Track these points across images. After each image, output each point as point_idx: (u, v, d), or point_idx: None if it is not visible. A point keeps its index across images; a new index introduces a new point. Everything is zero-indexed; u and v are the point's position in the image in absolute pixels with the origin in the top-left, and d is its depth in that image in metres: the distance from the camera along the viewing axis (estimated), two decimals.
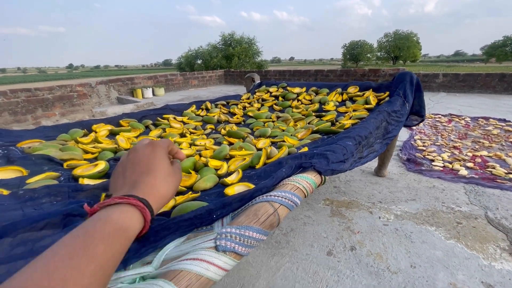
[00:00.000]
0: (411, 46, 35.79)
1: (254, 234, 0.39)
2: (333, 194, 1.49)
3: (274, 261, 1.02)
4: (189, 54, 17.61)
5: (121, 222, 0.26)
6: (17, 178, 0.59)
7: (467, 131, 2.51)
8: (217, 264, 0.34)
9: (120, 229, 0.25)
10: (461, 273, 0.93)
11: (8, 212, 0.45)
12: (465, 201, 1.37)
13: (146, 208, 0.29)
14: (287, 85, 1.75)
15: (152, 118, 1.27)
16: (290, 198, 0.47)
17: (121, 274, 0.33)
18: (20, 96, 3.77)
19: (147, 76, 6.49)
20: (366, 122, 0.96)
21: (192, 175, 0.63)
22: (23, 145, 0.80)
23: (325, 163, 0.60)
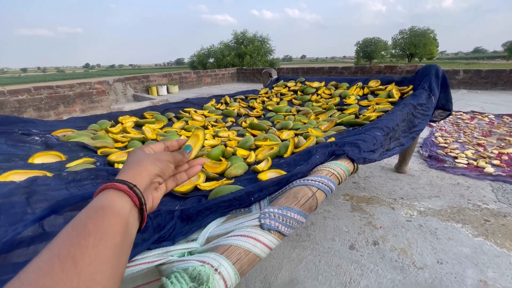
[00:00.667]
0: (427, 43, 34.63)
1: (295, 215, 0.39)
2: (352, 190, 1.47)
3: (296, 253, 1.02)
4: (201, 52, 17.76)
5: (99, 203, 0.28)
6: (57, 162, 0.62)
7: (491, 129, 2.41)
8: (263, 242, 0.34)
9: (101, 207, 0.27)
10: (491, 270, 0.90)
11: (55, 192, 0.47)
12: (492, 199, 1.32)
13: (116, 184, 0.30)
14: (305, 80, 1.73)
15: (174, 111, 1.30)
16: (327, 183, 0.47)
17: (170, 248, 0.34)
18: (43, 93, 3.92)
19: (161, 74, 6.61)
20: (393, 114, 0.94)
21: (223, 162, 0.64)
22: (58, 133, 0.83)
23: (357, 151, 0.60)
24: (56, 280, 0.20)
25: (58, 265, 0.21)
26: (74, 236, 0.24)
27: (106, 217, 0.26)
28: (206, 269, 0.27)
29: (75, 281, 0.21)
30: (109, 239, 0.25)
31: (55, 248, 0.23)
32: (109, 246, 0.25)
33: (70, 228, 0.25)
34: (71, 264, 0.22)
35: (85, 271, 0.22)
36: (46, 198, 0.45)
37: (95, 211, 0.27)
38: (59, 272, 0.21)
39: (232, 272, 0.30)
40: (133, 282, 0.33)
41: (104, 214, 0.27)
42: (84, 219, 0.26)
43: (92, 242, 0.24)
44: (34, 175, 0.52)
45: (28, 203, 0.42)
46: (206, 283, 0.26)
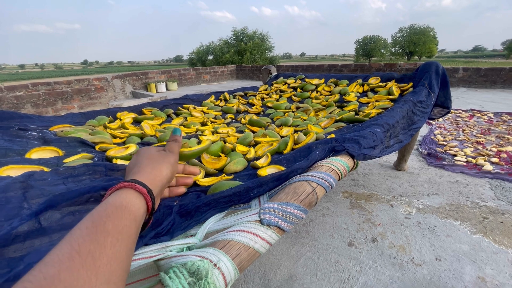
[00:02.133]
0: (427, 41, 34.58)
1: (295, 211, 0.39)
2: (351, 187, 1.47)
3: (295, 250, 1.02)
4: (200, 49, 17.68)
5: (119, 201, 0.29)
6: (54, 157, 0.61)
7: (491, 127, 2.41)
8: (263, 237, 0.34)
9: (120, 207, 0.28)
10: (490, 267, 0.90)
11: (52, 186, 0.47)
12: (491, 196, 1.32)
13: (136, 185, 0.31)
14: (305, 77, 1.72)
15: (173, 107, 1.29)
16: (327, 179, 0.47)
17: (169, 243, 0.34)
18: (40, 89, 3.90)
19: (160, 71, 6.57)
20: (393, 111, 0.94)
21: (222, 157, 0.64)
22: (55, 129, 0.82)
23: (357, 147, 0.59)
24: (77, 277, 0.20)
25: (79, 261, 0.21)
26: (94, 233, 0.24)
27: (124, 217, 0.27)
28: (205, 264, 0.27)
29: (93, 280, 0.21)
30: (125, 240, 0.25)
31: (75, 244, 0.22)
32: (123, 247, 0.25)
33: (90, 224, 0.25)
34: (91, 261, 0.22)
35: (103, 271, 0.22)
36: (43, 193, 0.44)
37: (115, 209, 0.27)
38: (80, 269, 0.21)
39: (231, 267, 0.30)
40: (131, 278, 0.32)
41: (122, 214, 0.27)
42: (103, 216, 0.26)
43: (110, 241, 0.24)
44: (31, 170, 0.51)
45: (24, 198, 0.41)
46: (205, 278, 0.26)
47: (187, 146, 0.70)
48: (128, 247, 0.26)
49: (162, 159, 0.39)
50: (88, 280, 0.21)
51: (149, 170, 0.36)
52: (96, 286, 0.21)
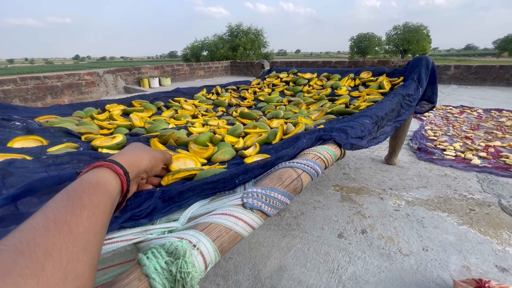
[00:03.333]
0: (420, 39, 34.90)
1: (278, 196, 0.39)
2: (343, 181, 1.48)
3: (285, 242, 1.03)
4: (195, 45, 17.50)
5: (96, 178, 0.29)
6: (38, 147, 0.60)
7: (480, 122, 2.46)
8: (245, 220, 0.34)
9: (96, 183, 0.28)
10: (474, 256, 0.92)
11: (33, 174, 0.46)
12: (478, 189, 1.35)
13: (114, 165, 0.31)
14: (298, 71, 1.72)
15: (163, 100, 1.27)
16: (312, 166, 0.47)
17: (149, 227, 0.34)
18: (29, 84, 3.81)
19: (153, 66, 6.49)
20: (382, 104, 0.94)
21: (210, 147, 0.63)
22: (41, 119, 0.80)
23: (344, 136, 0.59)
24: (53, 242, 0.20)
25: (55, 229, 0.21)
26: (70, 206, 0.24)
27: (100, 194, 0.27)
28: (184, 244, 0.27)
29: (70, 246, 0.21)
30: (100, 215, 0.25)
31: (50, 213, 0.22)
32: (99, 221, 0.25)
33: (66, 197, 0.25)
34: (68, 230, 0.22)
35: (79, 239, 0.22)
36: (23, 180, 0.43)
37: (91, 185, 0.27)
38: (56, 235, 0.21)
39: (212, 248, 0.29)
40: (111, 261, 0.32)
41: (98, 190, 0.27)
42: (79, 191, 0.26)
43: (86, 214, 0.24)
44: (11, 158, 0.50)
45: (3, 184, 0.40)
46: (182, 258, 0.26)
47: (174, 136, 0.69)
48: (103, 222, 0.26)
49: (148, 150, 0.40)
50: (66, 246, 0.21)
51: (131, 154, 0.36)
52: (73, 252, 0.21)
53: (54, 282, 0.19)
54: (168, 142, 0.69)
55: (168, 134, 0.68)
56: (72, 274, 0.20)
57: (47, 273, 0.19)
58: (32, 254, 0.19)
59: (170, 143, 0.69)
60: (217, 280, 0.87)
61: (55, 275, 0.19)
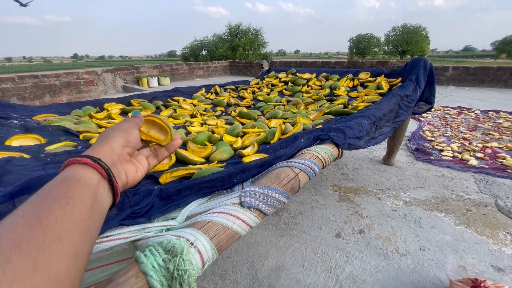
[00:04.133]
0: (419, 41, 35.01)
1: (276, 195, 0.39)
2: (341, 181, 1.49)
3: (283, 241, 1.03)
4: (194, 44, 17.48)
5: (64, 174, 0.28)
6: (36, 145, 0.60)
7: (477, 123, 2.47)
8: (243, 219, 0.34)
9: (66, 178, 0.28)
10: (471, 256, 0.93)
11: (31, 172, 0.46)
12: (474, 190, 1.36)
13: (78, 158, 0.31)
14: (297, 71, 1.73)
15: (162, 99, 1.27)
16: (310, 166, 0.47)
17: (147, 225, 0.34)
18: (27, 82, 3.79)
19: (152, 66, 6.47)
20: (380, 104, 0.95)
21: (208, 146, 0.64)
22: (39, 118, 0.80)
23: (342, 136, 0.60)
24: (21, 236, 0.20)
25: (23, 223, 0.21)
26: (38, 200, 0.24)
27: (71, 185, 0.26)
28: (181, 242, 0.27)
29: (41, 237, 0.21)
30: (77, 204, 0.25)
31: (18, 212, 0.22)
32: (76, 210, 0.25)
33: (34, 196, 0.25)
34: (37, 222, 0.22)
35: (51, 229, 0.22)
36: (21, 178, 0.43)
37: (60, 181, 0.27)
38: (24, 228, 0.21)
39: (209, 246, 0.30)
40: (108, 259, 0.32)
41: (70, 182, 0.27)
42: (47, 187, 0.26)
43: (57, 205, 0.24)
44: (9, 156, 0.50)
45: (1, 181, 0.40)
46: (180, 255, 0.26)
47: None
48: (83, 211, 0.25)
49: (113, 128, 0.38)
50: (35, 237, 0.21)
51: (99, 143, 0.35)
52: (44, 242, 0.21)
53: (22, 273, 0.19)
54: None
55: None
56: (44, 264, 0.20)
57: (14, 264, 0.19)
58: None
59: None
60: (215, 279, 0.87)
61: (23, 266, 0.19)
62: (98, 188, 0.29)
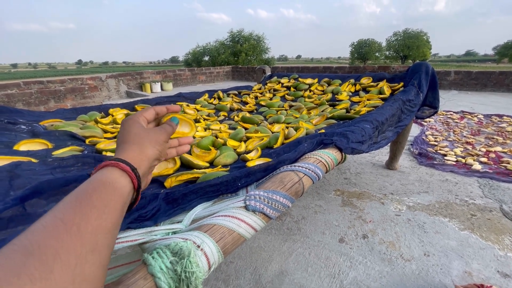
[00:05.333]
0: (421, 45, 35.10)
1: (280, 198, 0.40)
2: (343, 185, 1.48)
3: (286, 246, 1.03)
4: (196, 50, 17.66)
5: (103, 178, 0.29)
6: (43, 150, 0.61)
7: (480, 128, 2.46)
8: (248, 222, 0.35)
9: (104, 183, 0.28)
10: (476, 262, 0.92)
11: (40, 176, 0.46)
12: (479, 195, 1.35)
13: (120, 163, 0.31)
14: (299, 77, 1.74)
15: (166, 104, 1.29)
16: (314, 170, 0.48)
17: (154, 228, 0.34)
18: (33, 88, 3.84)
19: (155, 71, 6.54)
20: (383, 109, 0.95)
21: (212, 151, 0.64)
22: (46, 123, 0.82)
23: (345, 141, 0.60)
24: (62, 244, 0.21)
25: (64, 229, 0.21)
26: (78, 206, 0.24)
27: (109, 192, 0.27)
28: (188, 245, 0.27)
29: (79, 247, 0.21)
30: (111, 213, 0.26)
31: (59, 214, 0.23)
32: (109, 220, 0.25)
33: (74, 198, 0.25)
34: (76, 230, 0.22)
35: (88, 240, 0.22)
36: (30, 182, 0.44)
37: (99, 185, 0.27)
38: (64, 236, 0.21)
39: (215, 249, 0.30)
40: (116, 262, 0.33)
41: (107, 189, 0.27)
42: (89, 191, 0.26)
43: (96, 214, 0.24)
44: (18, 160, 0.51)
45: (10, 186, 0.41)
46: (187, 258, 0.26)
47: None
48: (114, 221, 0.26)
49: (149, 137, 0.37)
50: (73, 246, 0.21)
51: (135, 148, 0.35)
52: (81, 253, 0.21)
53: (62, 285, 0.19)
54: None
55: None
56: (80, 276, 0.20)
57: (56, 276, 0.19)
58: (42, 256, 0.19)
59: None
60: (218, 284, 0.87)
61: (63, 278, 0.19)
62: (127, 197, 0.29)
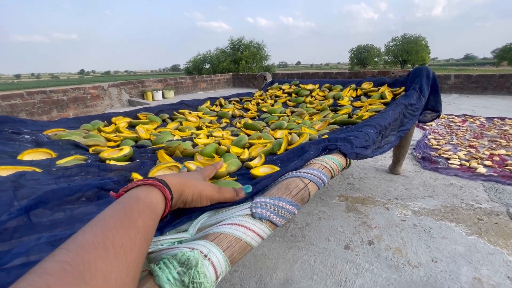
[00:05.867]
0: (419, 50, 35.29)
1: (287, 205, 0.39)
2: (347, 191, 1.47)
3: (291, 253, 1.01)
4: (197, 58, 17.84)
5: (149, 199, 0.29)
6: (47, 159, 0.61)
7: (483, 131, 2.45)
8: (255, 230, 0.34)
9: (150, 205, 0.28)
10: (485, 268, 0.90)
11: (44, 186, 0.46)
12: (485, 198, 1.33)
13: (165, 187, 0.31)
14: (300, 83, 1.75)
15: (168, 112, 1.29)
16: (319, 176, 0.47)
17: (160, 238, 0.34)
18: (36, 98, 3.88)
19: (157, 80, 6.61)
20: (385, 113, 0.95)
21: (216, 158, 0.64)
22: (49, 132, 0.82)
23: (349, 146, 0.60)
24: (111, 268, 0.20)
25: (113, 252, 0.21)
26: (127, 227, 0.24)
27: (151, 218, 0.27)
28: (195, 254, 0.27)
29: (124, 275, 0.21)
30: (148, 240, 0.26)
31: (110, 234, 0.22)
32: (146, 247, 0.25)
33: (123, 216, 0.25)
34: (123, 256, 0.22)
35: (131, 267, 0.22)
36: (34, 192, 0.44)
37: (145, 208, 0.27)
38: (113, 260, 0.21)
39: (222, 259, 0.29)
40: None
41: (151, 214, 0.27)
42: (135, 211, 0.26)
43: (139, 239, 0.24)
44: (22, 170, 0.51)
45: (15, 196, 0.41)
46: (195, 268, 0.26)
47: (181, 148, 0.70)
48: (148, 247, 0.26)
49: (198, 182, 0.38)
50: (120, 274, 0.20)
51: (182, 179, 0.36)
52: (126, 282, 0.21)
53: None
54: (175, 154, 0.69)
55: (174, 146, 0.69)
56: None
57: None
58: (93, 280, 0.19)
59: (177, 154, 0.69)
60: None
61: None
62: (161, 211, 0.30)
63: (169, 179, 0.34)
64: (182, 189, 0.35)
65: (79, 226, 0.35)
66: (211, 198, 0.38)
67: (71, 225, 0.36)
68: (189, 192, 0.35)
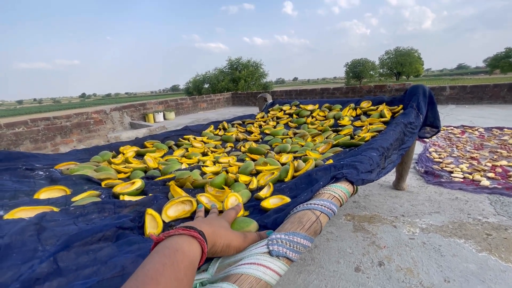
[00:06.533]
0: (413, 62, 36.15)
1: (301, 240, 0.41)
2: (353, 209, 1.47)
3: (301, 278, 1.00)
4: (196, 78, 18.24)
5: (192, 253, 0.30)
6: (62, 197, 0.63)
7: (483, 142, 2.47)
8: (273, 269, 0.35)
9: (193, 261, 0.30)
10: (499, 286, 0.89)
11: (65, 227, 0.48)
12: (491, 212, 1.33)
13: (204, 241, 0.33)
14: (300, 103, 1.79)
15: (173, 139, 1.32)
16: (329, 206, 0.49)
17: None
18: (40, 125, 3.95)
19: (158, 101, 6.73)
20: (386, 134, 0.98)
21: (226, 190, 0.66)
22: (61, 167, 0.84)
23: (355, 173, 0.62)
24: None
25: None
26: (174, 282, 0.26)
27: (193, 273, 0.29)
28: None
29: None
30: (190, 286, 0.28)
31: None
32: None
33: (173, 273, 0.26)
34: None
35: None
36: (55, 234, 0.45)
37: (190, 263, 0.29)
38: None
39: None
40: None
41: (194, 270, 0.29)
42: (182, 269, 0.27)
43: None
44: (41, 211, 0.52)
45: (38, 240, 0.42)
46: None
47: (191, 179, 0.72)
48: None
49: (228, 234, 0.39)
50: None
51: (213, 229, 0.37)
52: None
53: None
54: (185, 185, 0.71)
55: (184, 178, 0.71)
56: None
57: None
58: None
59: (187, 186, 0.71)
60: None
61: None
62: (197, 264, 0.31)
63: (205, 228, 0.35)
64: (214, 240, 0.36)
65: (104, 270, 0.36)
66: (238, 249, 0.39)
67: (96, 269, 0.37)
68: (219, 244, 0.37)
